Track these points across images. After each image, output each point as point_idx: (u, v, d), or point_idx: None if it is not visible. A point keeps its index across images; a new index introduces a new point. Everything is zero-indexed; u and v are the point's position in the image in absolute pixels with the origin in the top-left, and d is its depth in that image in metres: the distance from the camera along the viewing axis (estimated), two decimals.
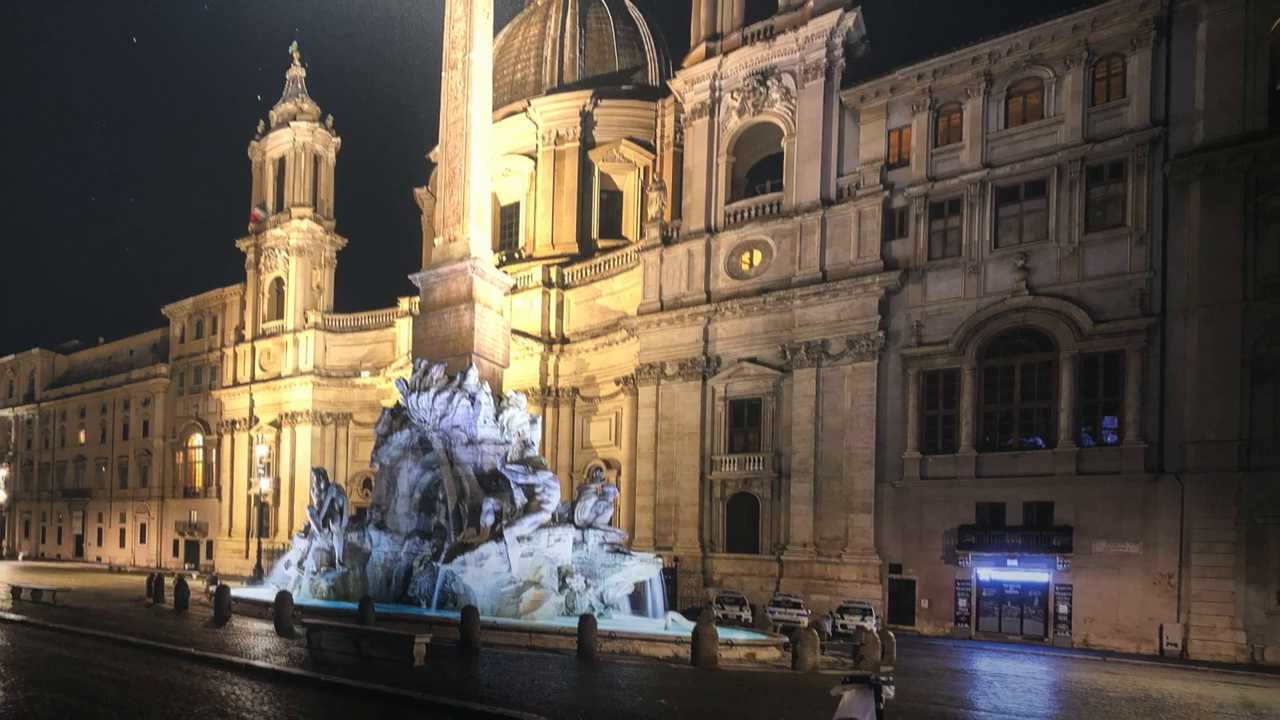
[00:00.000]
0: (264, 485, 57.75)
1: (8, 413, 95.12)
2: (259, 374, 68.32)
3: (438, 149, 33.78)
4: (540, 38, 61.59)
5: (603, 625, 21.57)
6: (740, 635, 24.61)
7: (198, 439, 76.08)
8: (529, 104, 59.47)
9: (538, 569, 25.60)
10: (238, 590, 30.15)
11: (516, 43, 63.21)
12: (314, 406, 64.72)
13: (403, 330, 59.44)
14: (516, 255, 60.19)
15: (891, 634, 24.95)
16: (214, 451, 73.65)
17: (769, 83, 42.26)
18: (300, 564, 31.59)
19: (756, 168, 46.73)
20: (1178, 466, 32.31)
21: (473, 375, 28.23)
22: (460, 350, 29.33)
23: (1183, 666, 29.00)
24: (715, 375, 44.16)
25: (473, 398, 27.84)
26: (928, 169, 38.32)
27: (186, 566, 70.71)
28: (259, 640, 20.18)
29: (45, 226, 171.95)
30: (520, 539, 25.23)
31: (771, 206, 42.62)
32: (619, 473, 49.61)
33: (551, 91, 59.90)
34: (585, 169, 58.87)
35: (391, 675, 15.03)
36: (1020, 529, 35.44)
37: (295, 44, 68.08)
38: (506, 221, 61.89)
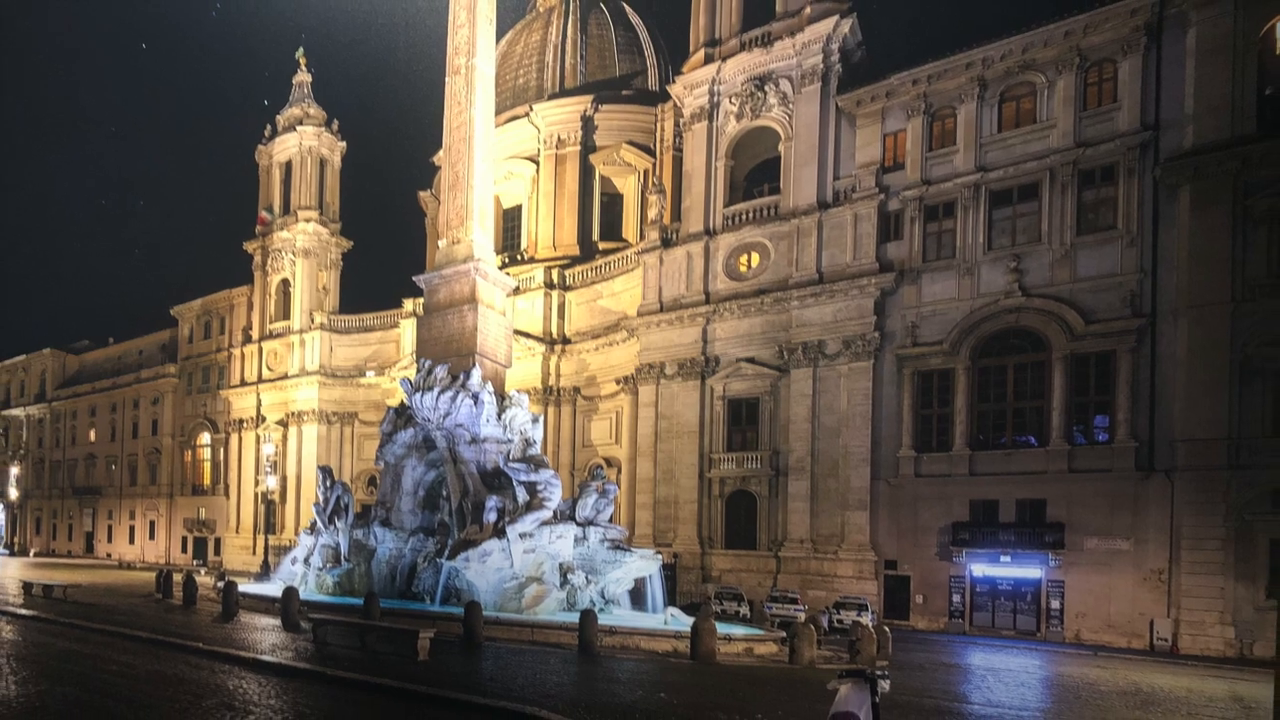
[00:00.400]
0: (271, 483, 58.57)
1: (20, 412, 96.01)
2: (266, 374, 68.99)
3: (441, 153, 34.20)
4: (542, 44, 62.07)
5: (603, 620, 21.78)
6: (738, 630, 24.88)
7: (206, 437, 76.82)
8: (531, 109, 59.95)
9: (540, 565, 25.92)
10: (245, 586, 30.33)
11: (519, 48, 63.69)
12: (320, 406, 65.38)
13: (407, 331, 60.02)
14: (519, 257, 60.74)
15: (887, 629, 25.12)
16: (222, 450, 74.37)
17: (766, 88, 42.76)
18: (306, 560, 31.87)
19: (754, 171, 47.09)
20: (1168, 464, 32.70)
21: (476, 375, 28.51)
22: (463, 350, 29.65)
23: (1173, 661, 29.24)
24: (714, 375, 44.73)
25: (476, 397, 28.12)
26: (922, 172, 38.78)
27: (195, 563, 71.44)
28: (266, 635, 20.25)
29: (56, 229, 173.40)
30: (522, 536, 25.56)
31: (769, 209, 43.12)
32: (619, 471, 50.16)
33: (553, 96, 60.35)
34: (586, 172, 59.36)
35: (396, 669, 15.13)
36: (1013, 526, 35.86)
37: (301, 50, 68.82)
38: (509, 224, 62.45)
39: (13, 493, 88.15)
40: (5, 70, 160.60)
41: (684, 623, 23.39)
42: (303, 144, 66.72)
